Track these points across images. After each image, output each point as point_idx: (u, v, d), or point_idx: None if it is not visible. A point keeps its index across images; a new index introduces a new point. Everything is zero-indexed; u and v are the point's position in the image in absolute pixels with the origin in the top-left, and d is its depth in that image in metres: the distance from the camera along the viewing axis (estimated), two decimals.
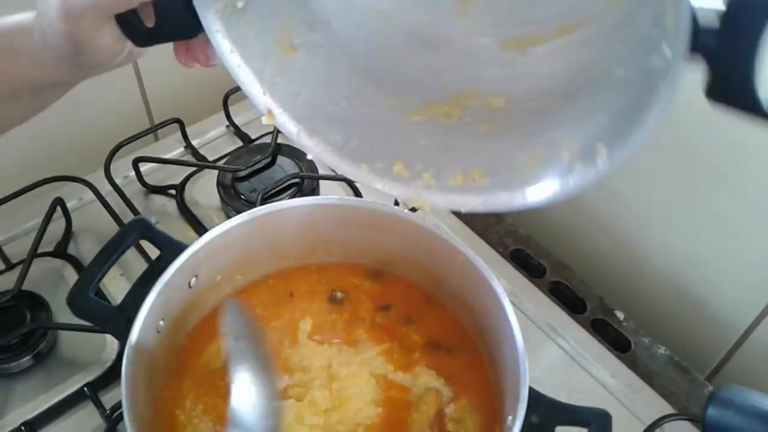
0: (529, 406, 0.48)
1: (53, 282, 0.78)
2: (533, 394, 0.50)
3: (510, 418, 0.49)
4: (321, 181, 0.85)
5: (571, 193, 0.40)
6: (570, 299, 0.82)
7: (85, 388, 0.71)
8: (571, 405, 0.51)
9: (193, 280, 0.57)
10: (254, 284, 0.63)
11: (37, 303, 0.75)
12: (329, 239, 0.62)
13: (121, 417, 0.47)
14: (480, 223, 0.87)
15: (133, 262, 0.79)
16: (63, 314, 0.75)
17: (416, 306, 0.63)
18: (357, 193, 0.86)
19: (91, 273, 0.54)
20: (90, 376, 0.72)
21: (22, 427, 0.69)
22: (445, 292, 0.61)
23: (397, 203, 0.81)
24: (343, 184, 0.87)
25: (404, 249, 0.61)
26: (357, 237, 0.62)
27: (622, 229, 0.81)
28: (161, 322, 0.55)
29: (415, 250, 0.61)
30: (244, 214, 0.58)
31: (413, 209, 0.65)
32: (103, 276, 0.55)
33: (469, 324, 0.61)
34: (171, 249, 0.56)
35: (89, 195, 0.84)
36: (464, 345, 0.61)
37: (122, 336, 0.51)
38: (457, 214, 0.87)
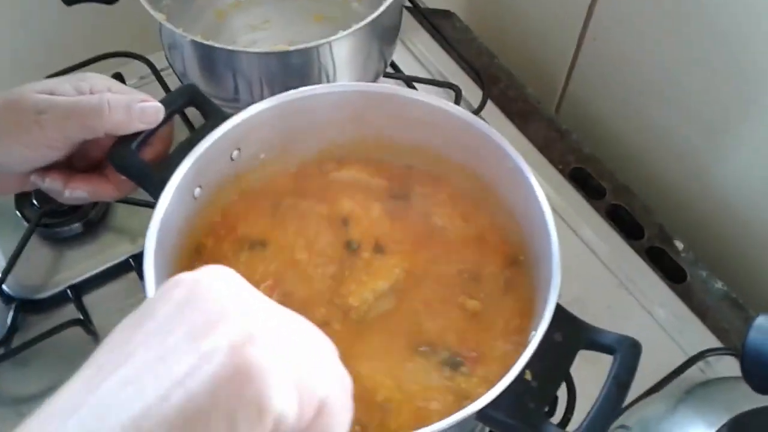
0: (554, 323, 0.45)
1: None
2: (561, 311, 0.46)
3: (533, 333, 0.46)
4: None
5: None
6: (628, 224, 0.78)
7: (131, 260, 0.72)
8: (598, 328, 0.47)
9: (236, 153, 0.56)
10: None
11: None
12: (378, 133, 0.59)
13: None
14: (542, 137, 0.84)
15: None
16: None
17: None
18: None
19: None
20: (136, 249, 0.73)
21: (68, 290, 0.71)
22: (491, 202, 0.58)
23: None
24: None
25: (454, 150, 0.58)
26: (407, 133, 0.58)
27: (692, 153, 0.76)
28: (198, 189, 0.54)
29: (465, 153, 0.57)
30: (290, 92, 0.56)
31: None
32: (149, 135, 0.54)
33: (511, 239, 0.58)
34: (217, 118, 0.55)
35: (148, 73, 0.84)
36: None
37: (158, 195, 0.51)
38: (520, 128, 0.83)
